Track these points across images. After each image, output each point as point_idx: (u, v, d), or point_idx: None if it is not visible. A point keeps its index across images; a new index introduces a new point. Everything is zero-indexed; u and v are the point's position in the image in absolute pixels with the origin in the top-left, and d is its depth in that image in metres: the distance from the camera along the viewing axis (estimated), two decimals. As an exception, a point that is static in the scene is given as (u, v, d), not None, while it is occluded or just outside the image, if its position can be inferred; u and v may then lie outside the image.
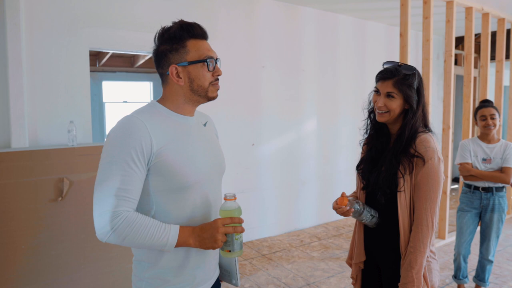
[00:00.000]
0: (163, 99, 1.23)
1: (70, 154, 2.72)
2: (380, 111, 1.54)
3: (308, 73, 4.66)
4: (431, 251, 1.54)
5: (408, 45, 3.70)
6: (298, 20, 4.52)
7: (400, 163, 1.49)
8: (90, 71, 6.63)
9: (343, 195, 1.51)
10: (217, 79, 1.22)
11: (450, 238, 4.23)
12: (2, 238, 2.49)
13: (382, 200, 1.53)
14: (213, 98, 1.23)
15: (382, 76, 1.54)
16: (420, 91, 1.53)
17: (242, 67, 4.10)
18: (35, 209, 2.59)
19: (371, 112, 1.65)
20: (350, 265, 1.73)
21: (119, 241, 1.06)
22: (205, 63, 1.18)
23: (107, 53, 5.91)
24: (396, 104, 1.51)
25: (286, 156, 4.54)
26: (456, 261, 3.10)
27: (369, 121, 1.67)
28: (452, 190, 6.65)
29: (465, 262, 3.08)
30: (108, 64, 6.64)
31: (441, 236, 4.22)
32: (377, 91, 1.56)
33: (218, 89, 1.23)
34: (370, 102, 1.64)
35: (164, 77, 1.21)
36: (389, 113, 1.53)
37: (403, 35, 3.73)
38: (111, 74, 7.02)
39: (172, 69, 1.17)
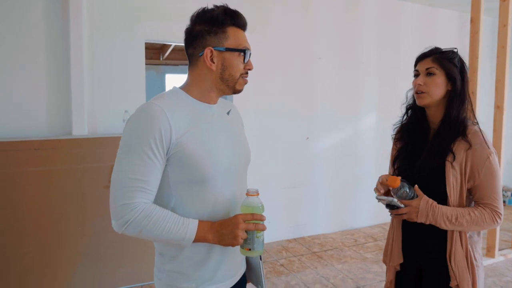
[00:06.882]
0: (187, 85, 1.19)
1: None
2: (418, 92, 1.41)
3: (368, 65, 4.41)
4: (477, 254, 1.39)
5: (480, 32, 3.33)
6: (358, 9, 4.29)
7: (448, 155, 1.33)
8: (154, 64, 6.93)
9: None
10: (247, 73, 1.18)
11: (501, 257, 3.53)
12: (60, 219, 2.67)
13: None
14: (239, 91, 1.19)
15: (420, 57, 1.45)
16: (463, 72, 1.37)
17: (297, 58, 3.99)
18: (91, 194, 2.74)
19: (409, 108, 1.53)
20: (386, 264, 1.58)
21: (135, 233, 1.04)
22: (242, 53, 1.14)
23: (169, 46, 6.11)
24: (437, 82, 1.38)
25: (342, 151, 4.36)
26: None
27: (405, 117, 1.55)
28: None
29: None
30: (170, 57, 6.87)
31: (489, 254, 3.51)
32: (416, 75, 1.45)
33: (246, 83, 1.19)
34: (407, 98, 1.55)
35: (194, 58, 1.16)
36: (428, 94, 1.39)
37: (474, 21, 3.36)
38: (173, 68, 7.26)
39: (207, 51, 1.12)
